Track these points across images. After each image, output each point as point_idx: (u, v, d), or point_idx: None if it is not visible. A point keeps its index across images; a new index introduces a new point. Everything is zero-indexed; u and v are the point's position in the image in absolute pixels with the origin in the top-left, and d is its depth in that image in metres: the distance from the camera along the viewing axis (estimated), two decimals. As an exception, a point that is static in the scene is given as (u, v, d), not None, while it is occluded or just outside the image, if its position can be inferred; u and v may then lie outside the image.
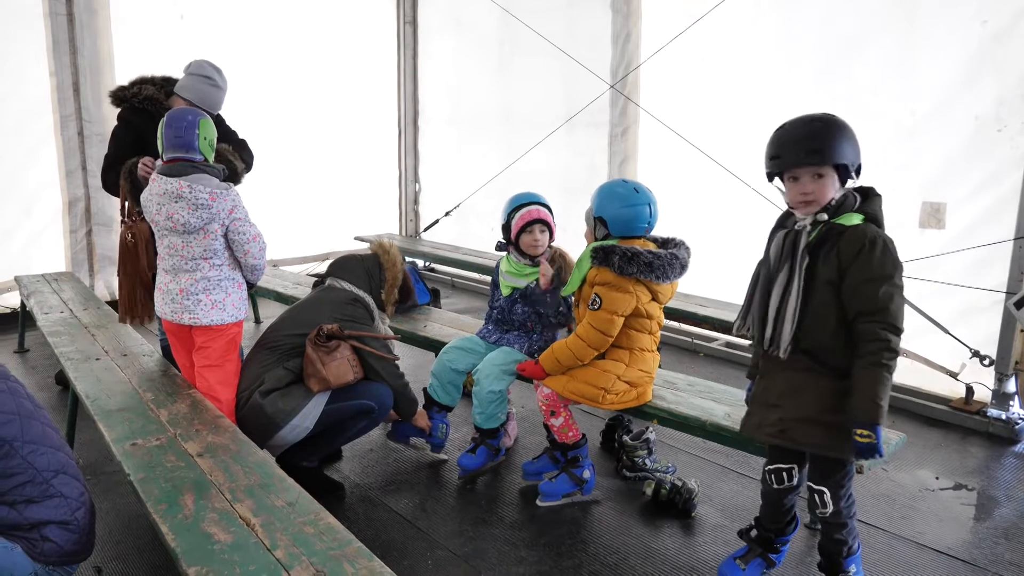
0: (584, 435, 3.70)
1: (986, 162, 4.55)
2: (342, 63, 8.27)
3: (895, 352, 2.52)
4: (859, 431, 2.51)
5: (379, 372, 3.75)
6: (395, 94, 8.97)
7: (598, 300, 3.37)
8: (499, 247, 4.10)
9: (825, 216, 2.61)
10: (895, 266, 2.54)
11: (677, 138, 5.57)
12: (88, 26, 6.57)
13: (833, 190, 2.61)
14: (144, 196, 3.63)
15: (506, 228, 3.95)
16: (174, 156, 3.52)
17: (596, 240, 3.47)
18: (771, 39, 5.55)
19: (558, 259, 3.94)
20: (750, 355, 5.75)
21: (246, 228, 3.56)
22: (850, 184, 2.65)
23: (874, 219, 2.62)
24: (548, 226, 3.91)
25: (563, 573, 3.17)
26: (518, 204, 3.92)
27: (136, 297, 4.01)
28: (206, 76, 4.15)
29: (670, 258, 3.37)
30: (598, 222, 3.45)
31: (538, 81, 7.44)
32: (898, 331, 2.53)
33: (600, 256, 3.34)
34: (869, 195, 2.65)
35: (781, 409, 2.75)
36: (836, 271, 2.57)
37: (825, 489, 2.77)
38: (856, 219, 2.60)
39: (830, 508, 2.78)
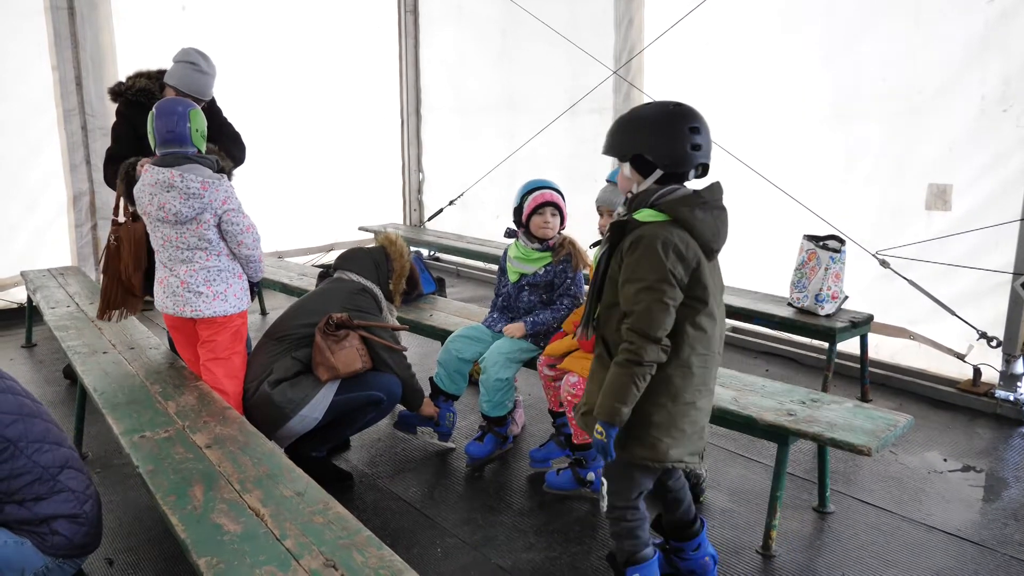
0: None
1: (992, 143, 4.53)
2: (344, 53, 8.24)
3: (639, 356, 2.40)
4: (597, 427, 2.48)
5: (387, 362, 3.75)
6: (397, 83, 8.94)
7: None
8: (508, 234, 4.09)
9: (621, 209, 2.56)
10: (655, 271, 2.40)
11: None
12: (89, 20, 6.56)
13: (628, 182, 2.57)
14: (136, 188, 3.62)
15: (518, 211, 3.94)
16: (168, 152, 3.49)
17: None
18: (776, 21, 5.51)
19: (567, 245, 3.93)
20: (757, 339, 5.81)
21: (239, 219, 3.54)
22: (657, 176, 2.51)
23: (677, 216, 2.45)
24: (560, 211, 3.90)
25: (572, 558, 3.18)
26: (531, 188, 3.92)
27: (114, 297, 4.00)
28: (191, 62, 4.11)
29: None
30: None
31: (541, 68, 7.41)
32: (647, 336, 2.39)
33: None
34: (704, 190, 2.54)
35: (584, 394, 2.71)
36: (619, 266, 2.51)
37: (606, 481, 2.70)
38: (648, 215, 2.48)
39: (604, 503, 2.67)
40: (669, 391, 2.51)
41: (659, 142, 2.49)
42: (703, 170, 2.57)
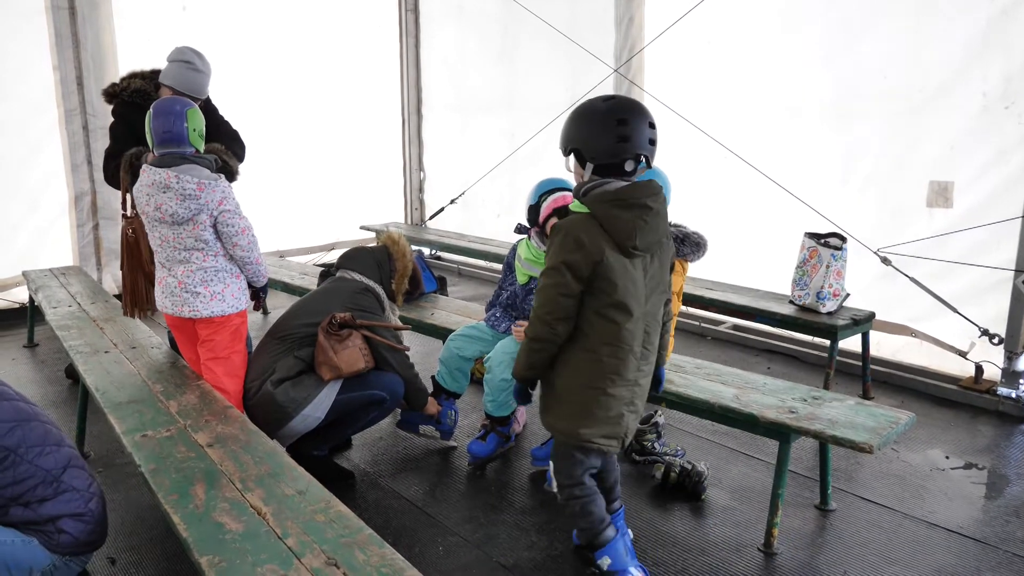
0: None
1: (994, 140, 4.52)
2: (344, 52, 8.24)
3: (530, 331, 2.66)
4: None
5: (390, 362, 3.75)
6: (398, 82, 8.94)
7: None
8: (519, 229, 4.00)
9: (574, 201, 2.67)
10: (553, 259, 2.57)
11: (682, 121, 5.55)
12: (90, 19, 6.56)
13: (575, 175, 2.68)
14: (135, 188, 3.61)
15: (534, 210, 3.81)
16: (166, 152, 3.48)
17: None
18: (778, 19, 5.51)
19: None
20: (759, 337, 5.82)
21: (235, 220, 3.51)
22: (591, 169, 2.62)
23: (592, 211, 2.56)
24: None
25: (574, 557, 3.18)
26: (550, 188, 3.78)
27: (140, 290, 4.01)
28: (186, 61, 4.09)
29: (698, 236, 3.53)
30: None
31: (541, 66, 7.41)
32: (537, 315, 2.61)
33: None
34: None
35: None
36: None
37: (552, 462, 2.90)
38: (575, 206, 2.63)
39: (553, 485, 2.87)
40: (575, 372, 2.68)
41: (587, 135, 2.59)
42: (647, 162, 2.61)
